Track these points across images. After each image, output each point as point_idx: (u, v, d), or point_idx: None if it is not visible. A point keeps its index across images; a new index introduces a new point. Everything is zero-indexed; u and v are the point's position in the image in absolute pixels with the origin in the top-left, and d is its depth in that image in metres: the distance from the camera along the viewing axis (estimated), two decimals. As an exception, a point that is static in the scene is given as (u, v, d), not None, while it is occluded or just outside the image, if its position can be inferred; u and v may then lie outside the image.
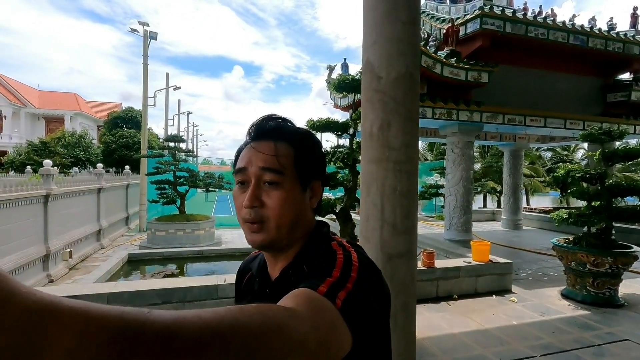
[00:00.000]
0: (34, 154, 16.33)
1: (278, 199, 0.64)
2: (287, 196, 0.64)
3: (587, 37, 7.09)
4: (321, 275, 0.57)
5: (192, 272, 6.92)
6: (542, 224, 10.86)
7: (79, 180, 8.92)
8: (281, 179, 0.64)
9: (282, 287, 0.65)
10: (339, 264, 0.60)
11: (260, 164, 0.64)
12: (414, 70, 2.66)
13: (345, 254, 0.63)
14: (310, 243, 0.69)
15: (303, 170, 0.67)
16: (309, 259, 0.66)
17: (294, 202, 0.66)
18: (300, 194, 0.67)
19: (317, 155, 0.72)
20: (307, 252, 0.68)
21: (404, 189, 2.58)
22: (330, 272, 0.58)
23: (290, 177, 0.65)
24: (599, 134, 4.97)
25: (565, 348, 3.34)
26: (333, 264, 0.60)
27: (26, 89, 29.59)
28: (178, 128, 26.47)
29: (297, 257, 0.68)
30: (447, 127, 7.20)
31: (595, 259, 4.39)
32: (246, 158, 0.66)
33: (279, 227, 0.64)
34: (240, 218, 0.67)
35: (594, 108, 7.97)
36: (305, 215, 0.69)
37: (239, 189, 0.67)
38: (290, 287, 0.61)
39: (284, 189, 0.64)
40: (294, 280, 0.64)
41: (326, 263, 0.61)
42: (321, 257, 0.64)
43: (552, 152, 23.90)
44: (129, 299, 3.59)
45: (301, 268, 0.66)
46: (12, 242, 5.72)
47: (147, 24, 13.09)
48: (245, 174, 0.66)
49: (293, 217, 0.66)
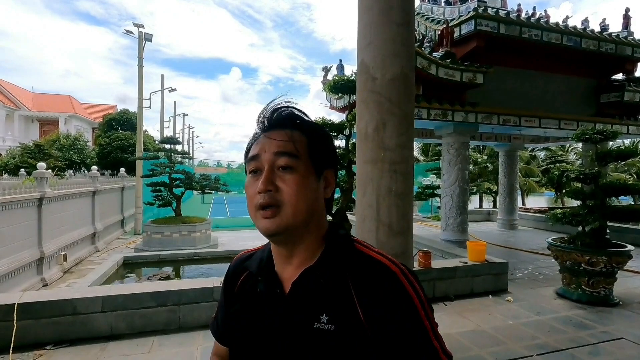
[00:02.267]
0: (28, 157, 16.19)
1: (293, 182, 0.62)
2: (302, 181, 0.63)
3: (581, 38, 7.16)
4: (410, 321, 0.60)
5: (188, 274, 6.88)
6: (537, 224, 10.92)
7: (73, 183, 8.85)
8: (296, 163, 0.63)
9: (306, 289, 0.64)
10: (416, 301, 0.61)
11: (274, 149, 0.63)
12: (409, 71, 2.67)
13: (405, 277, 0.63)
14: (334, 244, 0.67)
15: (317, 158, 0.66)
16: (349, 268, 0.64)
17: (310, 187, 0.64)
18: (315, 181, 0.66)
19: (330, 145, 0.71)
20: (335, 255, 0.65)
21: (399, 189, 2.58)
22: (418, 316, 0.61)
23: (304, 163, 0.64)
24: (592, 134, 5.01)
25: (561, 347, 3.35)
26: (409, 299, 0.61)
27: (20, 92, 29.36)
28: (174, 130, 26.39)
29: (322, 258, 0.65)
30: (442, 128, 7.23)
31: (590, 258, 4.42)
32: (259, 146, 0.65)
33: (295, 213, 0.61)
34: (252, 207, 0.64)
35: (588, 108, 8.04)
36: (320, 204, 0.67)
37: (251, 178, 0.65)
38: (317, 290, 0.63)
39: (299, 174, 0.63)
40: (324, 284, 0.63)
41: (393, 292, 0.61)
42: (368, 271, 0.63)
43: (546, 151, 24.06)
44: (124, 302, 3.56)
45: (333, 272, 0.64)
46: (6, 246, 5.66)
47: (142, 25, 13.04)
48: (258, 161, 0.64)
49: (309, 203, 0.63)
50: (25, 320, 3.26)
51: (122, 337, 3.45)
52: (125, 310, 3.56)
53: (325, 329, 0.60)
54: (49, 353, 3.15)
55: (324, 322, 0.61)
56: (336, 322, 0.60)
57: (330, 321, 0.60)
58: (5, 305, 3.26)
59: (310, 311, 0.62)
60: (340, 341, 0.59)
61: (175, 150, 10.20)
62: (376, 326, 0.59)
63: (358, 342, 0.59)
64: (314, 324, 0.61)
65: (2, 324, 3.22)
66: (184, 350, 3.24)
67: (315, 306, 0.62)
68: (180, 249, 8.02)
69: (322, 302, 0.62)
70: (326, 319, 0.61)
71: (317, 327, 0.61)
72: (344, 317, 0.60)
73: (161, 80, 17.01)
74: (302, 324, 0.62)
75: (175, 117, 27.06)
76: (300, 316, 0.63)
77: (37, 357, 3.07)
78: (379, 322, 0.59)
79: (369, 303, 0.60)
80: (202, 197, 18.18)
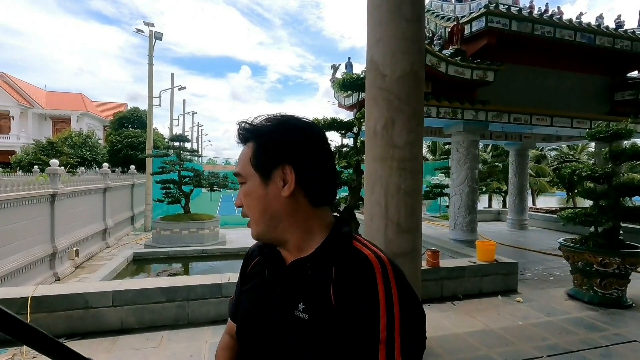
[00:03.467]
0: (41, 154, 16.50)
1: (243, 196, 0.70)
2: (248, 192, 0.69)
3: (595, 35, 7.01)
4: (365, 323, 0.57)
5: (196, 271, 6.94)
6: (548, 224, 10.76)
7: (85, 180, 8.99)
8: (243, 179, 0.69)
9: (295, 277, 0.67)
10: (382, 304, 0.57)
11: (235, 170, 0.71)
12: (419, 68, 2.64)
13: (383, 276, 0.60)
14: (332, 240, 0.68)
15: (258, 163, 0.67)
16: (336, 261, 0.64)
17: (256, 196, 0.68)
18: (261, 186, 0.67)
19: (281, 140, 0.66)
20: (329, 249, 0.66)
21: (408, 187, 2.57)
22: (375, 321, 0.56)
23: (250, 174, 0.68)
24: (606, 133, 4.91)
25: (572, 349, 3.30)
26: (374, 299, 0.57)
27: (34, 90, 29.93)
28: (183, 128, 26.62)
29: (317, 251, 0.66)
30: (451, 127, 7.16)
31: (602, 259, 4.34)
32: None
33: (255, 222, 0.69)
34: None
35: (601, 107, 7.88)
36: (279, 205, 0.66)
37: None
38: (303, 278, 0.65)
39: (247, 188, 0.69)
40: (310, 275, 0.65)
41: (361, 288, 0.59)
42: (351, 264, 0.62)
43: (557, 151, 23.68)
44: (134, 296, 3.61)
45: (322, 264, 0.65)
46: (20, 241, 5.78)
47: (152, 24, 13.17)
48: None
49: (260, 209, 0.68)
50: (38, 313, 3.34)
51: (132, 331, 3.50)
52: (135, 305, 3.61)
53: (300, 317, 0.62)
54: (62, 346, 3.21)
55: (300, 309, 0.63)
56: (310, 312, 0.62)
57: (306, 310, 0.62)
58: (20, 298, 3.33)
59: (292, 299, 0.65)
60: (312, 330, 0.60)
61: (185, 148, 10.30)
62: (342, 319, 0.59)
63: (328, 333, 0.59)
64: (294, 310, 0.63)
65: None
66: (193, 345, 3.27)
67: (297, 294, 0.64)
68: (189, 245, 8.11)
69: (303, 291, 0.64)
70: (302, 307, 0.63)
71: (296, 314, 0.63)
72: (319, 307, 0.61)
73: (171, 79, 17.17)
74: (286, 310, 0.65)
75: (185, 115, 27.30)
76: (285, 303, 0.65)
77: (50, 350, 3.13)
78: (344, 314, 0.59)
79: (341, 295, 0.60)
80: (211, 194, 18.32)
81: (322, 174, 0.68)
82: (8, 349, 3.13)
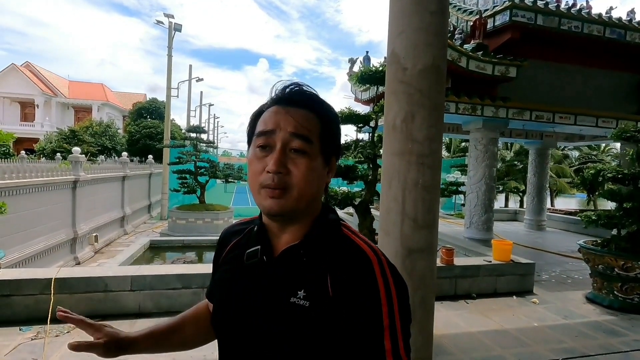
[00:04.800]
0: (64, 142, 16.98)
1: (305, 167, 0.62)
2: (313, 166, 0.64)
3: (625, 31, 6.71)
4: (368, 312, 0.59)
5: (210, 260, 7.05)
6: (567, 226, 10.48)
7: (105, 168, 9.23)
8: (309, 148, 0.63)
9: (288, 264, 0.66)
10: (382, 294, 0.59)
11: (290, 129, 0.62)
12: (441, 61, 2.59)
13: (380, 266, 0.62)
14: (321, 226, 0.68)
15: (327, 143, 0.67)
16: (330, 249, 0.65)
17: (318, 173, 0.65)
18: (323, 166, 0.67)
19: (338, 132, 0.72)
20: (319, 236, 0.66)
21: (426, 182, 2.53)
22: (378, 309, 0.58)
23: (316, 148, 0.65)
24: (633, 132, 4.72)
25: (589, 353, 3.23)
26: (375, 289, 0.59)
27: (57, 79, 30.74)
28: (199, 119, 26.93)
29: (307, 237, 0.66)
30: (470, 123, 7.02)
31: (625, 263, 4.21)
32: (273, 121, 0.64)
33: (300, 197, 0.62)
34: (256, 183, 0.63)
35: (629, 106, 7.57)
36: (322, 189, 0.69)
37: (259, 153, 0.64)
38: (299, 265, 0.64)
39: (310, 158, 0.63)
40: (305, 262, 0.64)
41: (360, 279, 0.60)
42: (345, 254, 0.63)
43: (579, 151, 22.96)
44: (152, 282, 3.70)
45: (316, 252, 0.65)
46: (43, 225, 6.00)
47: (172, 16, 13.32)
48: (270, 138, 0.63)
49: (314, 188, 0.65)
50: (61, 294, 3.46)
51: (150, 315, 3.61)
52: (152, 290, 3.70)
53: (300, 304, 0.61)
54: (82, 326, 3.34)
55: (300, 297, 0.61)
56: (310, 299, 0.61)
57: (306, 297, 0.61)
58: (44, 279, 3.47)
59: (289, 286, 0.63)
60: (313, 317, 0.60)
61: (201, 139, 10.42)
62: (341, 308, 0.59)
63: (327, 321, 0.59)
64: (290, 298, 0.62)
65: (41, 296, 3.43)
66: (207, 332, 3.34)
67: (294, 282, 0.63)
68: (203, 235, 8.24)
69: (301, 278, 0.63)
70: (303, 294, 0.61)
71: (293, 301, 0.61)
72: (317, 295, 0.61)
73: (189, 71, 17.37)
74: (280, 297, 0.63)
75: (202, 106, 27.60)
76: (279, 290, 0.64)
77: (72, 329, 3.25)
78: (343, 304, 0.59)
79: (339, 286, 0.60)
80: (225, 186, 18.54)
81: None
82: (32, 327, 3.27)
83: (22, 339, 3.09)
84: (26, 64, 28.82)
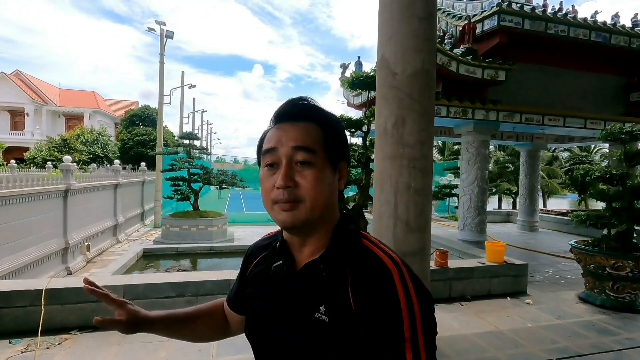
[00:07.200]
0: (55, 150, 16.81)
1: (312, 178, 0.63)
2: (320, 176, 0.64)
3: (610, 34, 6.87)
4: (389, 325, 0.58)
5: (204, 267, 7.01)
6: (559, 227, 10.60)
7: (97, 176, 9.14)
8: (314, 158, 0.64)
9: (309, 280, 0.66)
10: (403, 306, 0.58)
11: (292, 143, 0.64)
12: (430, 66, 2.63)
13: (401, 279, 0.60)
14: (341, 238, 0.67)
15: (332, 151, 0.67)
16: (349, 261, 0.64)
17: (326, 182, 0.65)
18: (331, 174, 0.67)
19: (343, 137, 0.72)
20: (340, 249, 0.66)
21: (418, 186, 2.55)
22: (399, 322, 0.57)
23: (321, 157, 0.65)
24: (620, 134, 4.82)
25: (583, 352, 3.25)
26: (396, 303, 0.58)
27: (48, 87, 30.47)
28: (192, 126, 26.85)
29: (327, 251, 0.66)
30: (462, 126, 7.10)
31: (615, 262, 4.26)
32: (275, 138, 0.65)
33: (312, 208, 0.63)
34: (269, 200, 0.65)
35: (616, 108, 7.73)
36: (335, 196, 0.69)
37: (267, 172, 0.66)
38: (319, 281, 0.64)
39: (316, 168, 0.64)
40: (326, 277, 0.64)
41: (381, 292, 0.59)
42: (367, 267, 0.63)
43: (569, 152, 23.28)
44: (145, 291, 3.66)
45: (336, 266, 0.64)
46: (34, 235, 5.91)
47: (164, 23, 13.29)
48: (275, 155, 0.65)
49: (326, 197, 0.65)
50: (52, 305, 3.41)
51: (143, 325, 3.55)
52: (146, 299, 3.66)
53: (322, 320, 0.62)
54: (74, 337, 3.29)
55: (322, 312, 0.62)
56: (331, 315, 0.61)
57: (326, 313, 0.62)
58: (34, 290, 3.41)
59: (311, 301, 0.64)
60: (334, 332, 0.60)
61: (194, 145, 10.39)
62: (362, 323, 0.59)
63: (349, 335, 0.60)
64: (314, 313, 0.63)
65: (32, 308, 3.37)
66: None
67: (316, 297, 0.64)
68: (197, 242, 8.18)
69: (323, 293, 0.64)
70: (324, 310, 0.62)
71: (317, 317, 0.62)
72: (339, 310, 0.61)
73: (181, 77, 17.33)
74: (304, 313, 0.64)
75: (195, 113, 27.53)
76: (302, 305, 0.65)
77: (63, 341, 3.20)
78: (364, 319, 0.59)
79: (361, 299, 0.60)
80: (219, 192, 18.46)
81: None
82: (22, 340, 3.21)
83: (11, 352, 3.02)
84: (16, 72, 28.56)
